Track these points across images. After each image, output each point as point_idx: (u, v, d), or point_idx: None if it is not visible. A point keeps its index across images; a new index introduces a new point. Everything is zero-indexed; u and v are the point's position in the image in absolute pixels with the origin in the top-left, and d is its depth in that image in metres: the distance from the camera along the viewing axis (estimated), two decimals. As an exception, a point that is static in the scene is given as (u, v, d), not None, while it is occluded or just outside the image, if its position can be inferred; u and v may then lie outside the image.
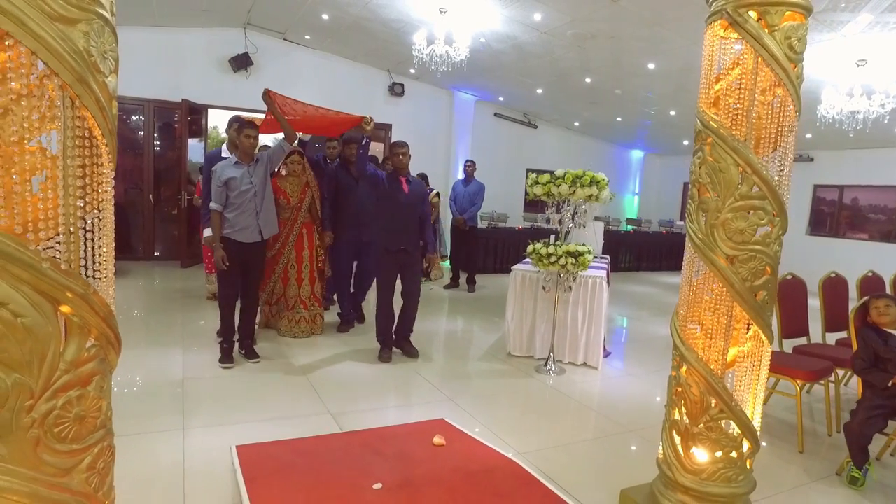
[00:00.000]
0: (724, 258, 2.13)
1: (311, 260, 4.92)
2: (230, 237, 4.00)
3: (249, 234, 4.05)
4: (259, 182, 4.08)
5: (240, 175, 4.01)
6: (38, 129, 1.13)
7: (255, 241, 4.09)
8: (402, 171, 4.36)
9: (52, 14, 1.02)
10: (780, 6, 2.01)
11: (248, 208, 4.03)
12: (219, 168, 4.05)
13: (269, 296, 4.93)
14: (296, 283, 4.87)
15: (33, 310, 1.05)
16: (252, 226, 4.06)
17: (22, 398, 1.05)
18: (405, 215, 4.34)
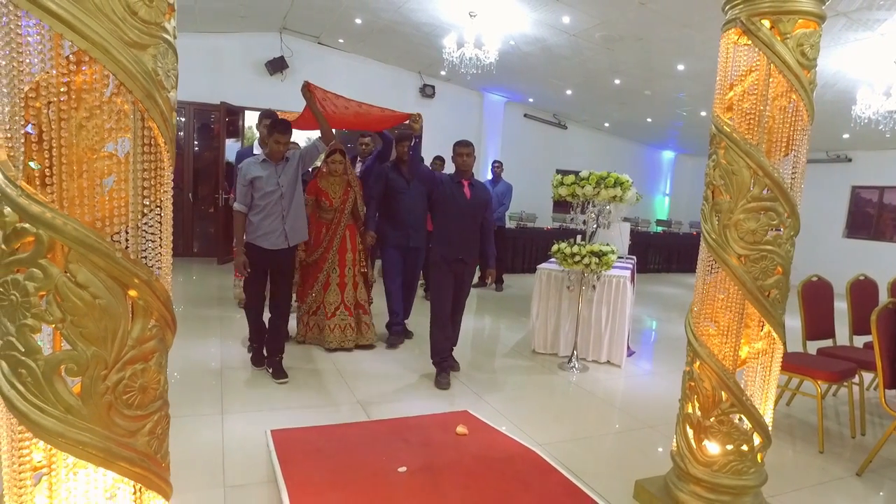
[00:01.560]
0: (737, 257, 2.20)
1: (354, 263, 4.58)
2: (254, 242, 3.71)
3: (275, 239, 3.73)
4: (288, 183, 3.76)
5: (266, 175, 3.69)
6: (109, 137, 1.32)
7: (280, 248, 3.77)
8: (465, 173, 3.96)
9: (128, 41, 1.20)
10: (793, 14, 2.08)
11: (274, 211, 3.71)
12: (244, 165, 3.75)
13: (309, 306, 4.54)
14: (338, 287, 4.50)
15: (108, 293, 1.23)
16: (277, 231, 3.74)
17: (98, 368, 1.23)
18: (465, 222, 3.92)
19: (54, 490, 1.30)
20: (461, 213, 3.91)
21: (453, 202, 3.90)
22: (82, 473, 1.32)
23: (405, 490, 2.46)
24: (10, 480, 1.28)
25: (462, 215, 3.91)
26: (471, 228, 3.97)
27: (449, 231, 3.92)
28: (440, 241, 3.95)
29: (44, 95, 1.23)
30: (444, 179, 3.97)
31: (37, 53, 1.21)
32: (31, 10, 1.14)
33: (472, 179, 4.02)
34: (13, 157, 1.21)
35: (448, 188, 3.92)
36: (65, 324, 1.19)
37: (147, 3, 1.25)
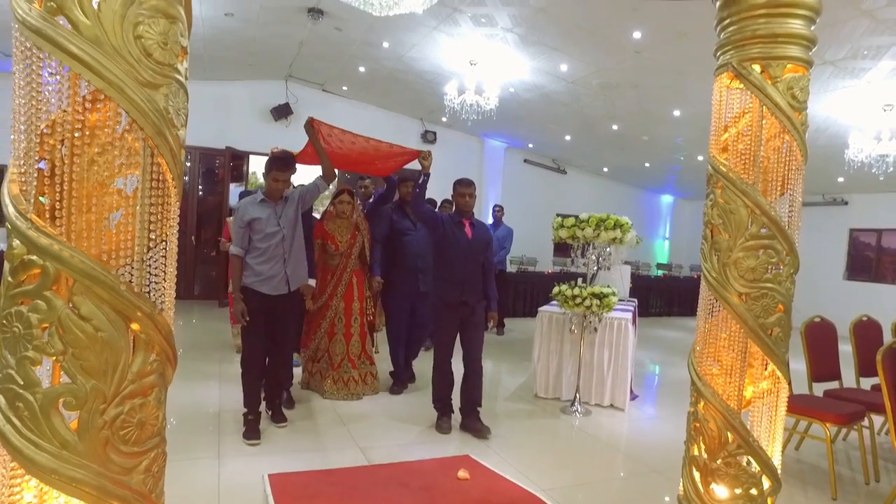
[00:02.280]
0: (737, 295, 2.20)
1: (360, 312, 4.38)
2: (253, 287, 3.46)
3: (276, 284, 3.51)
4: (288, 224, 3.55)
5: (266, 216, 3.48)
6: (119, 173, 1.35)
7: (281, 294, 3.55)
8: (466, 213, 3.88)
9: (142, 81, 1.24)
10: (782, 60, 2.15)
11: (275, 255, 3.50)
12: (241, 206, 3.55)
13: (312, 352, 4.38)
14: (343, 338, 4.31)
15: (110, 326, 1.23)
16: (279, 275, 3.51)
17: (97, 402, 1.22)
18: (466, 263, 3.79)
19: None
20: (462, 254, 3.79)
21: (454, 242, 3.80)
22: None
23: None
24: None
25: (463, 256, 3.79)
26: (473, 269, 3.84)
27: (450, 272, 3.80)
28: (441, 283, 3.84)
29: (59, 132, 1.27)
30: (445, 219, 3.87)
31: (55, 93, 1.26)
32: (54, 53, 1.19)
33: (473, 219, 3.95)
34: (25, 192, 1.23)
35: (449, 228, 3.82)
36: (66, 356, 1.19)
37: (161, 45, 1.30)
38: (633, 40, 5.61)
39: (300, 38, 7.18)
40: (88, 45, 1.20)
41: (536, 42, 6.15)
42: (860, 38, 4.67)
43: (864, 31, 4.55)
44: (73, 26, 1.20)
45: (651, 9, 4.84)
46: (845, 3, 4.19)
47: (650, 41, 5.58)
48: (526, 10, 5.42)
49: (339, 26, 6.54)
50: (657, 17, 5.04)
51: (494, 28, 6.00)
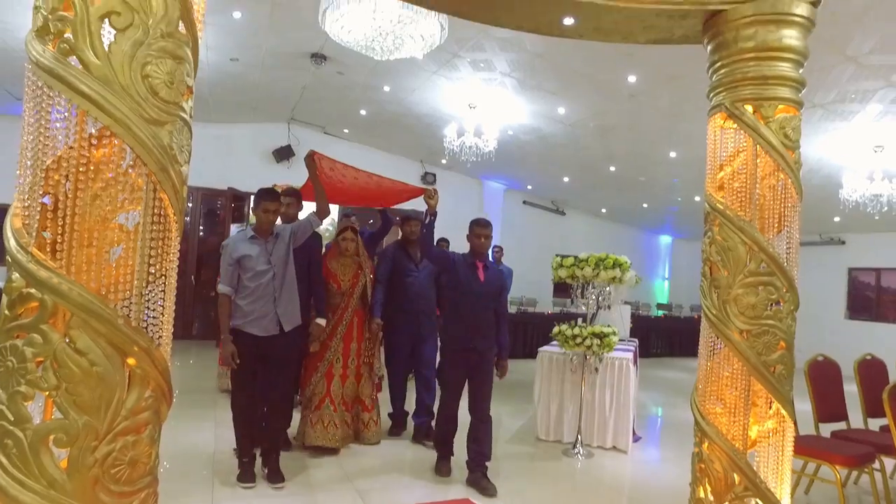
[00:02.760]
0: (738, 332, 2.19)
1: (358, 354, 4.12)
2: (242, 329, 3.30)
3: (266, 325, 3.33)
4: (279, 262, 3.40)
5: (256, 253, 3.34)
6: (121, 209, 1.36)
7: (273, 335, 3.37)
8: (480, 255, 3.67)
9: (148, 118, 1.27)
10: (773, 101, 2.21)
11: (265, 294, 3.33)
12: (230, 242, 3.44)
13: (309, 399, 4.00)
14: (339, 380, 4.03)
15: (106, 360, 1.22)
16: (269, 315, 3.34)
17: (89, 439, 1.19)
18: (479, 307, 3.60)
19: None
20: (474, 297, 3.59)
21: (466, 285, 3.60)
22: None
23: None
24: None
25: (475, 299, 3.60)
26: (484, 314, 3.63)
27: (460, 316, 3.61)
28: (451, 327, 3.68)
29: (64, 168, 1.29)
30: (458, 259, 3.67)
31: (62, 130, 1.29)
32: (64, 92, 1.22)
33: (487, 261, 3.75)
34: (27, 226, 1.24)
35: (461, 269, 3.62)
36: (59, 391, 1.18)
37: (168, 84, 1.34)
38: (628, 84, 5.76)
39: (303, 83, 7.37)
40: (98, 83, 1.23)
41: (534, 86, 6.31)
42: (847, 83, 4.80)
43: (850, 76, 4.68)
44: (84, 66, 1.24)
45: (644, 54, 4.98)
46: (831, 50, 4.32)
47: (645, 85, 5.73)
48: (523, 56, 5.58)
49: (341, 71, 6.72)
50: (651, 62, 5.18)
51: (493, 73, 6.16)
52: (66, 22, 1.22)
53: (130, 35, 1.28)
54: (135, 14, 1.28)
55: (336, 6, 3.70)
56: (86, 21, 1.23)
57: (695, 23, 2.40)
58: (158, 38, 1.32)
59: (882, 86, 4.76)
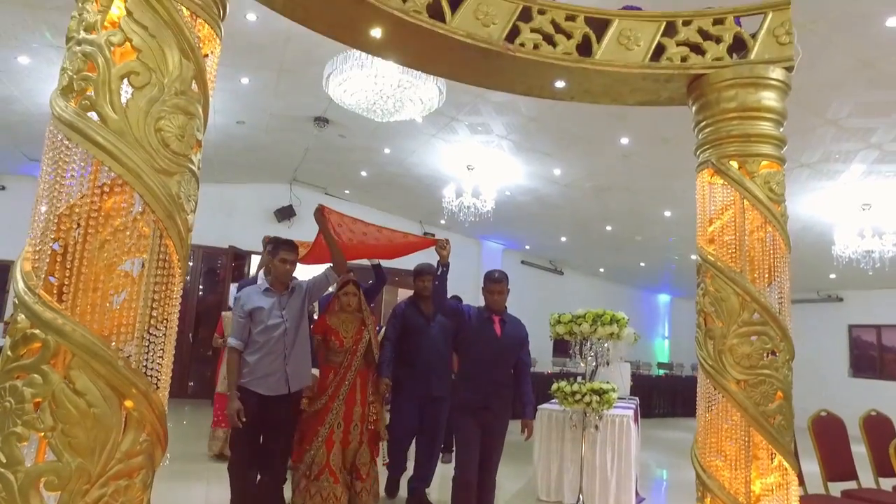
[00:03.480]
0: (735, 383, 2.19)
1: (362, 419, 3.77)
2: (247, 387, 3.13)
3: (273, 384, 3.16)
4: (292, 317, 3.26)
5: (269, 306, 3.20)
6: (127, 256, 1.41)
7: (280, 395, 3.19)
8: (496, 311, 3.51)
9: (158, 168, 1.34)
10: (757, 157, 2.31)
11: (275, 349, 3.17)
12: (244, 295, 3.28)
13: (307, 468, 3.59)
14: (340, 446, 3.66)
15: (104, 402, 1.23)
16: (277, 373, 3.17)
17: (81, 482, 1.18)
18: (494, 363, 3.41)
19: None
20: (490, 353, 3.40)
21: (481, 339, 3.41)
22: None
23: None
24: None
25: (491, 355, 3.40)
26: (500, 371, 3.43)
27: (475, 373, 3.40)
28: (464, 384, 3.48)
29: (76, 216, 1.35)
30: (473, 314, 3.51)
31: (77, 180, 1.36)
32: (82, 143, 1.30)
33: (506, 315, 3.57)
34: (37, 269, 1.29)
35: (476, 323, 3.46)
36: (55, 432, 1.18)
37: (179, 138, 1.42)
38: (621, 145, 5.96)
39: (306, 145, 7.61)
40: (113, 135, 1.31)
41: (530, 148, 6.52)
42: (829, 144, 4.99)
43: (832, 138, 4.87)
44: (102, 120, 1.32)
45: (636, 116, 5.20)
46: (812, 113, 4.52)
47: (637, 146, 5.93)
48: (519, 119, 5.81)
49: (342, 133, 6.96)
50: (642, 124, 5.39)
51: (490, 135, 6.39)
52: (88, 81, 1.32)
53: (147, 92, 1.37)
54: (152, 74, 1.38)
55: (340, 71, 3.91)
56: (107, 80, 1.32)
57: (679, 85, 2.54)
58: (172, 96, 1.41)
59: (862, 147, 4.95)
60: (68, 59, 1.35)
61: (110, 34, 1.36)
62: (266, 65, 5.22)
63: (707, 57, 2.42)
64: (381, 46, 2.38)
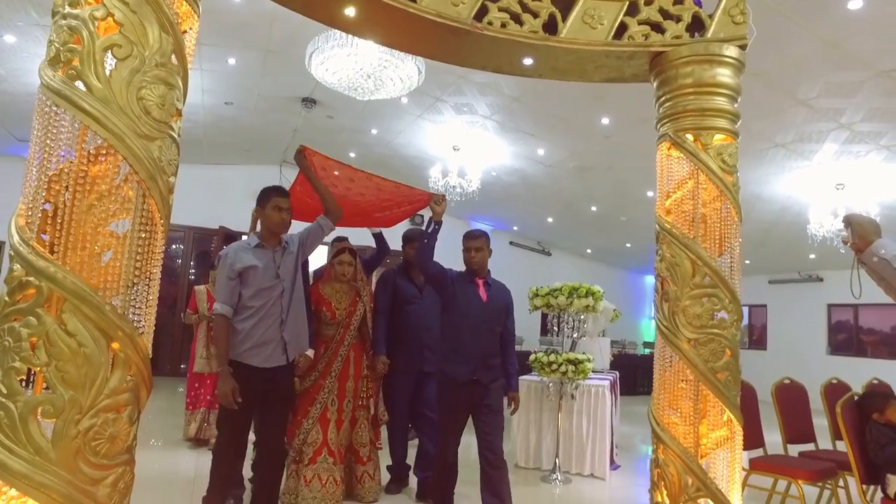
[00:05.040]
0: (687, 342, 2.35)
1: (355, 395, 3.56)
2: (239, 360, 2.72)
3: (270, 354, 2.77)
4: (288, 277, 2.85)
5: (263, 264, 2.78)
6: (112, 218, 1.54)
7: (277, 366, 2.81)
8: (477, 272, 3.25)
9: (140, 134, 1.46)
10: (711, 130, 2.44)
11: (271, 314, 2.76)
12: (231, 252, 2.81)
13: (297, 452, 3.35)
14: (335, 426, 3.43)
15: (93, 343, 1.36)
16: (274, 341, 2.78)
17: (73, 412, 1.32)
18: (479, 331, 3.13)
19: None
20: (475, 319, 3.13)
21: (466, 305, 3.15)
22: None
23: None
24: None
25: (476, 322, 3.13)
26: (487, 339, 3.17)
27: (460, 342, 3.12)
28: (447, 356, 3.18)
29: (64, 179, 1.47)
30: (455, 277, 3.24)
31: (65, 144, 1.48)
32: (69, 109, 1.42)
33: (489, 278, 3.31)
34: (30, 224, 1.41)
35: (459, 288, 3.19)
36: (49, 367, 1.32)
37: (159, 106, 1.54)
38: (602, 126, 6.08)
39: (294, 126, 7.68)
40: (99, 103, 1.43)
41: (514, 128, 6.63)
42: (802, 124, 5.13)
43: (804, 118, 5.01)
44: (88, 89, 1.44)
45: (615, 97, 5.32)
46: (783, 93, 4.66)
47: (617, 126, 6.06)
48: (502, 99, 5.91)
49: (330, 114, 7.04)
50: (621, 105, 5.51)
51: (474, 116, 6.49)
52: (74, 52, 1.43)
53: (129, 64, 1.49)
54: (133, 46, 1.49)
55: (322, 50, 4.00)
56: (92, 52, 1.43)
57: (642, 63, 2.67)
58: (153, 68, 1.53)
59: (834, 127, 5.09)
60: (55, 32, 1.46)
61: (94, 9, 1.47)
62: (252, 45, 5.28)
63: (667, 35, 2.55)
64: (355, 25, 2.49)
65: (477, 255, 3.22)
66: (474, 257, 3.23)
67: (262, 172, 9.59)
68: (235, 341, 2.74)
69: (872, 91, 4.57)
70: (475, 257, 3.22)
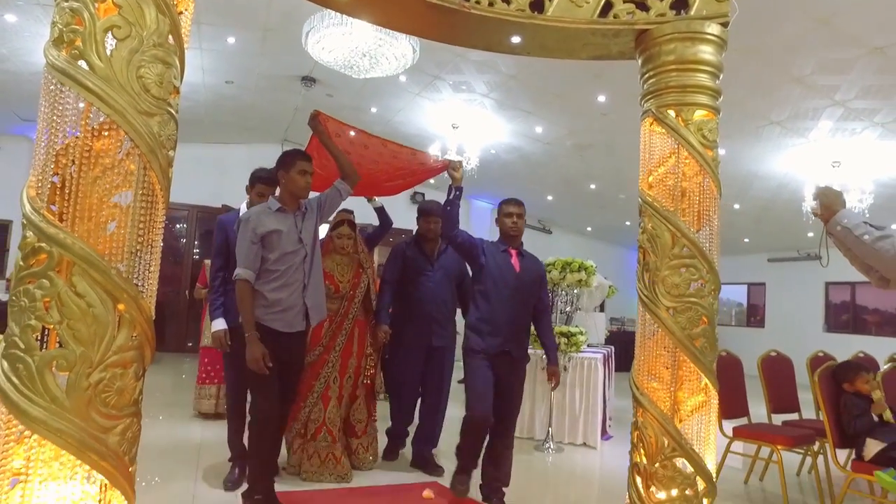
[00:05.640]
0: (665, 310, 2.46)
1: (356, 372, 3.55)
2: (262, 322, 2.72)
3: (291, 318, 2.79)
4: (309, 242, 2.85)
5: (286, 228, 2.77)
6: (116, 191, 1.64)
7: (298, 331, 2.85)
8: (513, 239, 3.16)
9: (140, 110, 1.56)
10: (692, 106, 2.52)
11: (294, 280, 2.77)
12: (252, 216, 2.77)
13: (302, 426, 3.39)
14: (336, 402, 3.45)
15: (101, 304, 1.48)
16: (296, 306, 2.80)
17: (84, 366, 1.45)
18: (513, 303, 3.06)
19: (25, 497, 1.46)
20: (508, 291, 3.04)
21: (499, 276, 3.04)
22: (53, 486, 1.49)
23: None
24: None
25: (510, 293, 3.04)
26: (520, 312, 3.09)
27: (492, 315, 3.03)
28: (478, 328, 3.06)
29: (70, 154, 1.58)
30: (486, 247, 3.13)
31: (70, 120, 1.58)
32: (73, 87, 1.52)
33: (522, 249, 3.21)
34: (40, 195, 1.52)
35: (491, 258, 3.08)
36: (61, 325, 1.44)
37: (158, 84, 1.63)
38: (598, 103, 6.12)
39: (295, 104, 7.74)
40: (101, 81, 1.53)
41: (511, 106, 6.68)
42: (797, 101, 5.16)
43: (798, 95, 5.04)
44: (90, 67, 1.54)
45: (611, 74, 5.35)
46: (777, 71, 4.69)
47: (614, 104, 6.09)
48: (498, 77, 5.95)
49: (330, 93, 7.09)
50: (618, 82, 5.54)
51: (472, 94, 6.53)
52: (77, 33, 1.52)
53: (128, 44, 1.58)
54: (132, 27, 1.58)
55: (318, 29, 4.05)
56: (93, 32, 1.53)
57: (627, 40, 2.74)
58: (151, 47, 1.62)
59: (828, 104, 5.13)
60: (58, 14, 1.55)
61: (94, -9, 1.56)
62: (251, 24, 5.33)
63: (651, 13, 2.61)
64: (349, 6, 2.56)
65: (519, 221, 3.13)
66: (516, 223, 3.13)
67: (264, 151, 9.65)
68: (259, 305, 2.73)
69: (866, 68, 4.59)
70: (517, 223, 3.13)
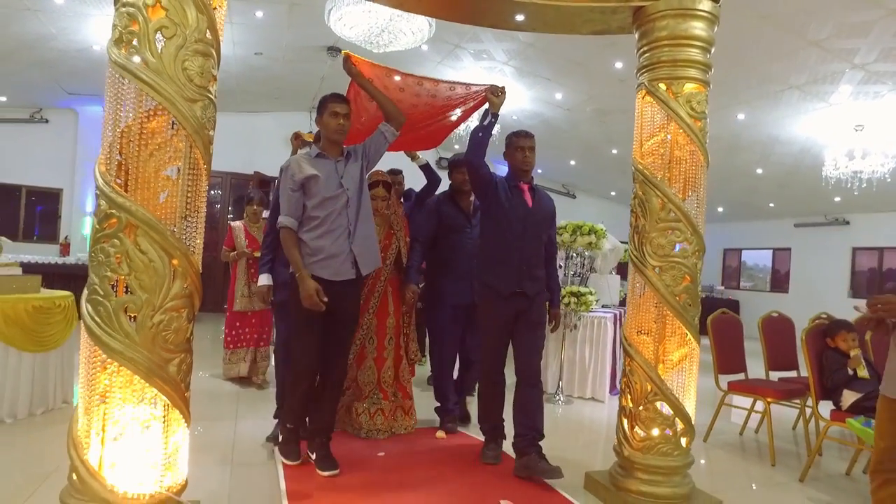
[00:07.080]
0: (652, 269, 2.71)
1: (396, 332, 3.54)
2: (310, 272, 2.66)
3: (339, 266, 2.72)
4: (353, 187, 2.77)
5: (325, 173, 2.71)
6: (167, 164, 1.96)
7: (347, 279, 2.76)
8: (525, 174, 3.10)
9: (186, 97, 1.86)
10: (682, 79, 2.70)
11: (338, 226, 2.71)
12: (293, 163, 2.73)
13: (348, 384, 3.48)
14: (374, 364, 3.46)
15: (159, 259, 1.82)
16: (343, 253, 2.72)
17: (148, 309, 1.80)
18: (526, 239, 2.96)
19: (107, 417, 1.84)
20: (521, 226, 2.95)
21: (511, 211, 2.96)
22: (128, 408, 1.86)
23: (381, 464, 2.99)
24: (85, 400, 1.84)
25: (522, 229, 2.95)
26: (533, 248, 3.00)
27: (505, 251, 2.93)
28: (490, 268, 2.97)
29: (128, 134, 1.89)
30: (498, 182, 3.05)
31: (129, 107, 1.89)
32: (131, 80, 1.82)
33: (534, 184, 3.15)
34: (109, 170, 1.86)
35: (503, 192, 3.00)
36: (130, 276, 1.79)
37: (200, 74, 1.93)
38: (616, 70, 6.19)
39: (321, 74, 7.97)
40: (153, 73, 1.83)
41: (531, 73, 6.78)
42: (815, 66, 5.16)
43: (817, 59, 5.04)
44: (144, 62, 1.84)
45: (626, 42, 5.40)
46: (794, 35, 4.70)
47: (631, 70, 6.13)
48: (517, 45, 6.06)
49: (355, 63, 7.30)
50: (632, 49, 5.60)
51: (493, 62, 6.66)
52: (133, 34, 1.82)
53: (175, 42, 1.87)
54: (177, 27, 1.87)
55: (338, 7, 4.27)
56: (146, 32, 1.82)
57: (625, 16, 2.90)
58: (193, 43, 1.91)
59: (847, 67, 5.11)
60: (117, 18, 1.85)
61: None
62: (277, -2, 5.56)
63: (646, -9, 2.76)
64: (364, -12, 2.79)
65: (530, 154, 3.09)
66: (528, 157, 3.08)
67: (293, 119, 9.98)
68: (303, 254, 2.69)
69: (885, 30, 4.57)
70: (529, 157, 3.08)
